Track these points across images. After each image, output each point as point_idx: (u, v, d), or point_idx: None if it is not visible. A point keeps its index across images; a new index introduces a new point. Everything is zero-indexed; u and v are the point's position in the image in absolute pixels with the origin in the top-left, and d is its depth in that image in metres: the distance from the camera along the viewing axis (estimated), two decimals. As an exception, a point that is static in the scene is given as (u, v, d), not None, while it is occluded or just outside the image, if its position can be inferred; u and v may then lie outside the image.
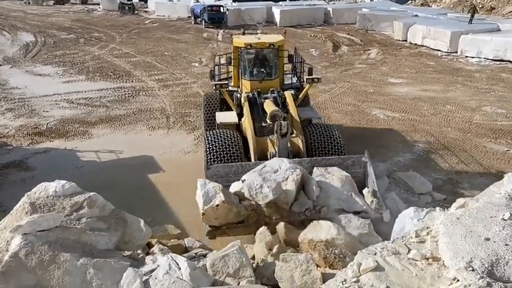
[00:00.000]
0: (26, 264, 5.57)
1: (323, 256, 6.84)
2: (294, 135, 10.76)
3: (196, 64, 25.21)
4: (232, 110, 12.41)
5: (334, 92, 20.50)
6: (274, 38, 13.23)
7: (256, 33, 16.00)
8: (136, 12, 45.79)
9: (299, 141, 10.70)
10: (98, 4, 49.57)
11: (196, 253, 7.93)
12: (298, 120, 11.27)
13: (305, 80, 12.46)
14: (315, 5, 45.03)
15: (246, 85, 12.60)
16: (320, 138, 11.16)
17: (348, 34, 34.99)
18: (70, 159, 13.73)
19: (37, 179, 10.96)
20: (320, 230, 7.67)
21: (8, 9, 46.77)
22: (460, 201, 5.96)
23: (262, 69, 12.69)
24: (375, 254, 4.98)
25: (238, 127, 11.94)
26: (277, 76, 12.79)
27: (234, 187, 8.94)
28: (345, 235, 7.62)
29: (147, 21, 40.93)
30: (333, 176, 9.26)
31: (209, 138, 10.85)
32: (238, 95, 12.42)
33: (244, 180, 8.80)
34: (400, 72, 24.27)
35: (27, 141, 14.92)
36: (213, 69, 13.68)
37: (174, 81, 22.20)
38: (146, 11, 47.45)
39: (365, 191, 9.59)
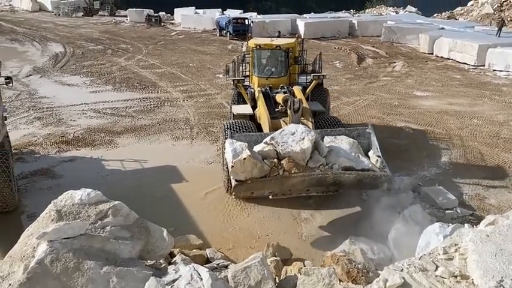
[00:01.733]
0: (51, 271, 5.64)
1: (346, 270, 6.73)
2: (303, 118, 11.97)
3: (221, 75, 25.37)
4: (246, 104, 13.98)
5: (358, 104, 20.35)
6: (284, 41, 15.09)
7: (276, 38, 17.36)
8: (162, 24, 46.46)
9: (309, 124, 11.84)
10: (126, 16, 50.47)
11: (218, 264, 7.93)
12: (308, 106, 12.54)
13: (311, 77, 14.18)
14: (339, 17, 44.99)
15: (255, 81, 14.33)
16: (326, 125, 12.51)
17: (373, 46, 34.82)
18: (95, 167, 13.91)
19: (63, 187, 11.16)
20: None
21: (39, 21, 48.03)
22: (489, 218, 5.82)
23: (269, 68, 14.35)
24: (402, 270, 4.88)
25: (251, 118, 13.36)
26: (284, 74, 14.27)
27: (257, 148, 10.20)
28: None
29: (173, 33, 41.49)
30: (341, 141, 10.77)
31: (226, 126, 12.31)
32: (252, 90, 14.05)
33: (267, 142, 10.21)
34: (425, 85, 23.98)
35: (54, 149, 15.20)
36: (228, 66, 15.43)
37: (199, 92, 22.39)
38: (172, 23, 48.12)
39: (370, 153, 10.92)
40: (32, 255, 5.91)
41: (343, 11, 52.86)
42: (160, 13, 49.37)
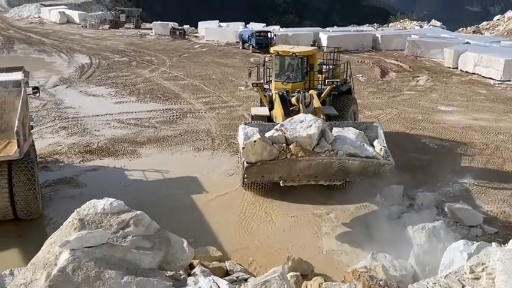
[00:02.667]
0: (73, 279, 5.70)
1: (367, 287, 6.64)
2: (315, 114, 12.70)
3: (243, 88, 25.49)
4: (265, 106, 14.92)
5: (381, 118, 20.13)
6: (302, 49, 15.91)
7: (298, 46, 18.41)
8: (186, 37, 46.99)
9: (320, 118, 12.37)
10: (151, 29, 51.21)
11: (237, 277, 7.89)
12: (320, 106, 13.63)
13: (326, 82, 15.11)
14: (362, 30, 44.86)
15: (273, 85, 15.26)
16: None
17: (397, 60, 34.57)
18: (118, 177, 14.07)
19: (86, 196, 11.27)
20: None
21: (67, 33, 49.12)
22: (517, 236, 5.66)
23: (287, 73, 15.17)
24: (426, 288, 4.78)
25: (269, 119, 14.23)
26: (300, 80, 14.94)
27: (268, 134, 11.01)
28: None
29: (196, 46, 41.95)
30: (348, 132, 11.47)
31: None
32: (270, 93, 14.98)
33: (277, 128, 11.07)
34: (450, 100, 23.65)
35: (78, 158, 15.43)
36: (250, 69, 16.48)
37: (221, 104, 22.53)
38: (196, 36, 48.65)
39: (375, 142, 11.51)
40: (55, 263, 5.98)
41: (367, 25, 52.69)
42: (184, 26, 49.98)
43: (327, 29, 45.67)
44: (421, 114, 20.90)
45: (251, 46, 38.65)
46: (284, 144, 10.76)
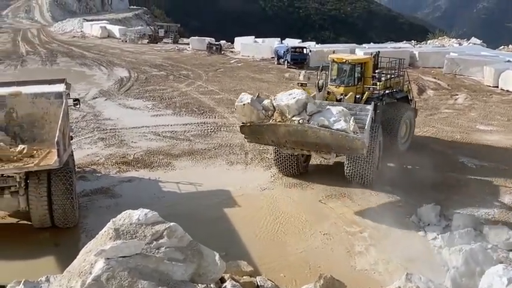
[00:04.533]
0: (106, 288, 5.79)
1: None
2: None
3: (277, 103, 25.52)
4: None
5: (418, 136, 19.78)
6: (356, 57, 18.00)
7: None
8: (223, 52, 47.62)
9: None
10: (188, 44, 52.18)
11: (268, 293, 7.83)
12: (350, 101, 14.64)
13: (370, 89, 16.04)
14: (400, 47, 44.36)
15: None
16: None
17: (434, 78, 33.99)
18: (152, 188, 14.28)
19: (121, 206, 11.51)
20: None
21: (107, 47, 50.60)
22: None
23: (340, 78, 16.22)
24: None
25: None
26: (353, 84, 15.91)
27: (264, 102, 13.03)
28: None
29: (232, 61, 42.42)
30: (332, 108, 12.53)
31: None
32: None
33: (270, 98, 13.17)
34: (490, 119, 23.03)
35: (115, 169, 15.76)
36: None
37: (255, 118, 22.59)
38: (232, 51, 49.23)
39: (352, 119, 12.16)
40: (89, 271, 6.09)
41: (404, 42, 52.16)
42: (221, 41, 50.71)
43: (363, 45, 45.38)
44: (459, 133, 20.42)
45: (286, 62, 38.77)
46: (272, 111, 12.70)
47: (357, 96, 15.49)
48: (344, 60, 16.25)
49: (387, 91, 16.87)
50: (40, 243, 10.96)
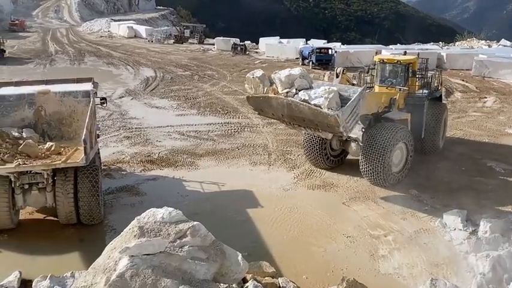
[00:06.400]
0: (130, 285, 5.84)
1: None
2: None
3: (302, 104, 25.41)
4: None
5: (445, 139, 19.45)
6: (406, 57, 16.93)
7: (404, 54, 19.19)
8: (247, 52, 47.71)
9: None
10: (213, 44, 52.48)
11: (290, 294, 7.80)
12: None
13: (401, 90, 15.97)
14: (427, 49, 43.68)
15: (376, 89, 16.23)
16: None
17: (462, 80, 33.34)
18: (176, 187, 14.39)
19: (146, 204, 11.63)
20: None
21: (134, 47, 51.25)
22: None
23: (389, 79, 16.18)
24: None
25: None
26: (403, 85, 15.79)
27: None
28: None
29: (256, 62, 42.44)
30: (324, 86, 12.80)
31: None
32: None
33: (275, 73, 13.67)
34: (519, 123, 22.47)
35: (139, 167, 15.93)
36: (354, 75, 18.02)
37: (279, 119, 22.55)
38: (257, 52, 49.28)
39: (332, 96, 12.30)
40: (114, 268, 6.16)
41: (431, 43, 51.36)
42: (245, 42, 50.83)
43: (390, 46, 44.85)
44: (488, 137, 19.99)
45: (311, 62, 38.59)
46: (272, 87, 13.28)
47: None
48: (395, 61, 16.22)
49: (428, 90, 16.84)
50: (65, 239, 11.15)
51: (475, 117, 23.51)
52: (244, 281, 7.93)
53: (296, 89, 12.85)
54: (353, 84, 14.28)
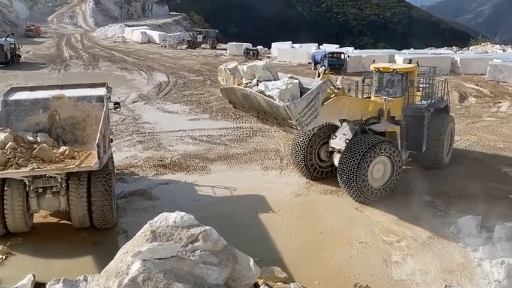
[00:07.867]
0: (142, 289, 5.86)
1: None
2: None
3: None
4: None
5: (459, 144, 19.26)
6: (403, 66, 16.36)
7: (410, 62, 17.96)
8: (259, 57, 47.78)
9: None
10: (226, 49, 52.77)
11: (302, 300, 7.76)
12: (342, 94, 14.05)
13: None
14: (440, 53, 43.43)
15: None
16: None
17: (477, 85, 33.04)
18: (189, 192, 14.43)
19: (158, 209, 11.69)
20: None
21: (147, 52, 51.69)
22: None
23: (386, 89, 15.27)
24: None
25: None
26: (400, 95, 14.94)
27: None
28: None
29: (269, 66, 42.49)
30: (284, 78, 12.23)
31: None
32: None
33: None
34: (535, 128, 22.18)
35: (152, 172, 16.01)
36: (350, 86, 16.69)
37: (291, 124, 22.53)
38: (269, 57, 49.35)
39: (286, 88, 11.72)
40: (126, 272, 6.19)
41: (445, 48, 51.02)
42: (258, 47, 50.98)
43: (403, 51, 44.67)
44: (502, 142, 19.75)
45: (323, 67, 38.57)
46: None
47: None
48: (391, 70, 15.24)
49: (430, 101, 15.71)
50: (78, 243, 11.23)
51: (489, 122, 23.27)
52: (256, 286, 7.91)
53: (257, 80, 12.38)
54: (335, 87, 13.26)
